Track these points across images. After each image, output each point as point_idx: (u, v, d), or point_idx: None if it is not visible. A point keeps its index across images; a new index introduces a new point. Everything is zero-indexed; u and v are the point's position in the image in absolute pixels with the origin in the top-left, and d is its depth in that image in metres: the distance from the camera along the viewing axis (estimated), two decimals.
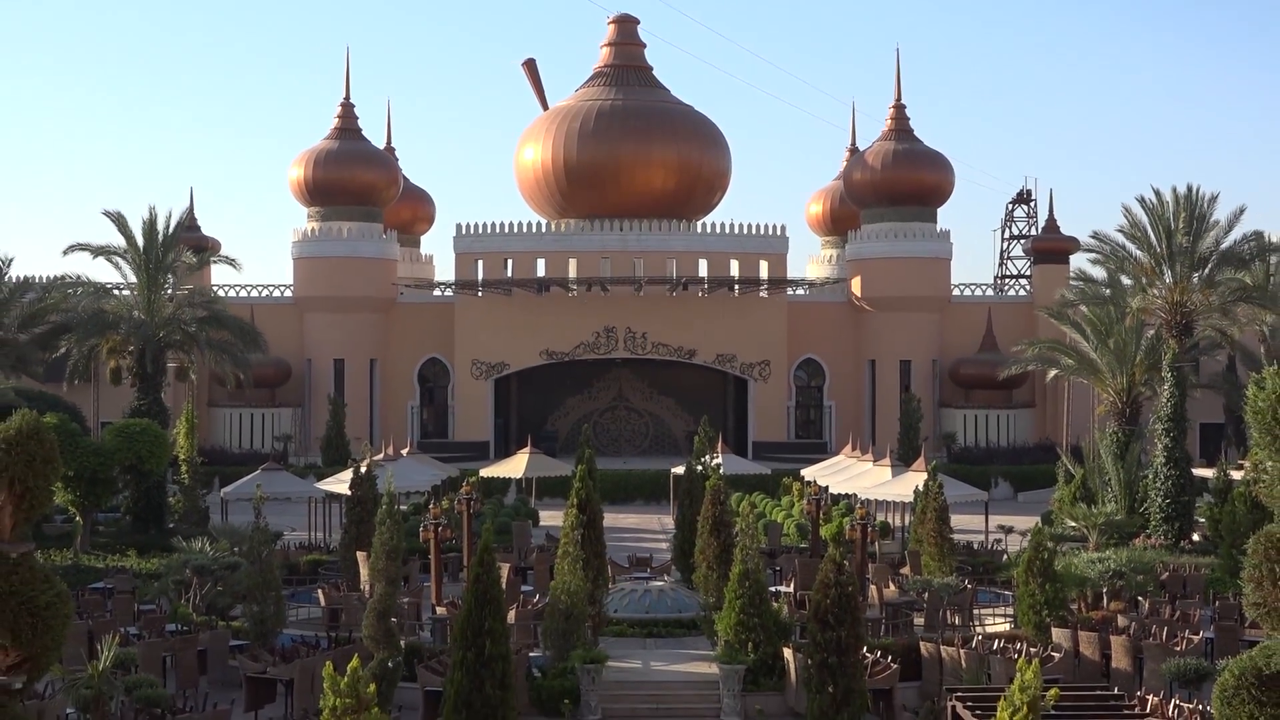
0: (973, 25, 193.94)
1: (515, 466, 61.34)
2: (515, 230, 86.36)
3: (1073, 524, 50.97)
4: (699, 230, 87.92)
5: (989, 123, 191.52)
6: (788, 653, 30.20)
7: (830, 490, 54.09)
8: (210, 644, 32.88)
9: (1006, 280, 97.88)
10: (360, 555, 40.25)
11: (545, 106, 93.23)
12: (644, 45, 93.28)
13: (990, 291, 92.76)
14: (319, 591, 40.26)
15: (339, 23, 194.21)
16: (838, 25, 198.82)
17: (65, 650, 9.21)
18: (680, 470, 53.07)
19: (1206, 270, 54.54)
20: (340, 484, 50.00)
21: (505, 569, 36.23)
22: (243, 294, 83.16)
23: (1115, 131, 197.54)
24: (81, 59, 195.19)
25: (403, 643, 29.08)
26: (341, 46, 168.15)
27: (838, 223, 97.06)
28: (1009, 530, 51.97)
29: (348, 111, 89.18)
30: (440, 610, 35.75)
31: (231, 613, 36.52)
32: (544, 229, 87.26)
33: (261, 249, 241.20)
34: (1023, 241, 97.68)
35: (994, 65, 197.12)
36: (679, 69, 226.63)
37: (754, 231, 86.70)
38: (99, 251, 60.45)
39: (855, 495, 51.60)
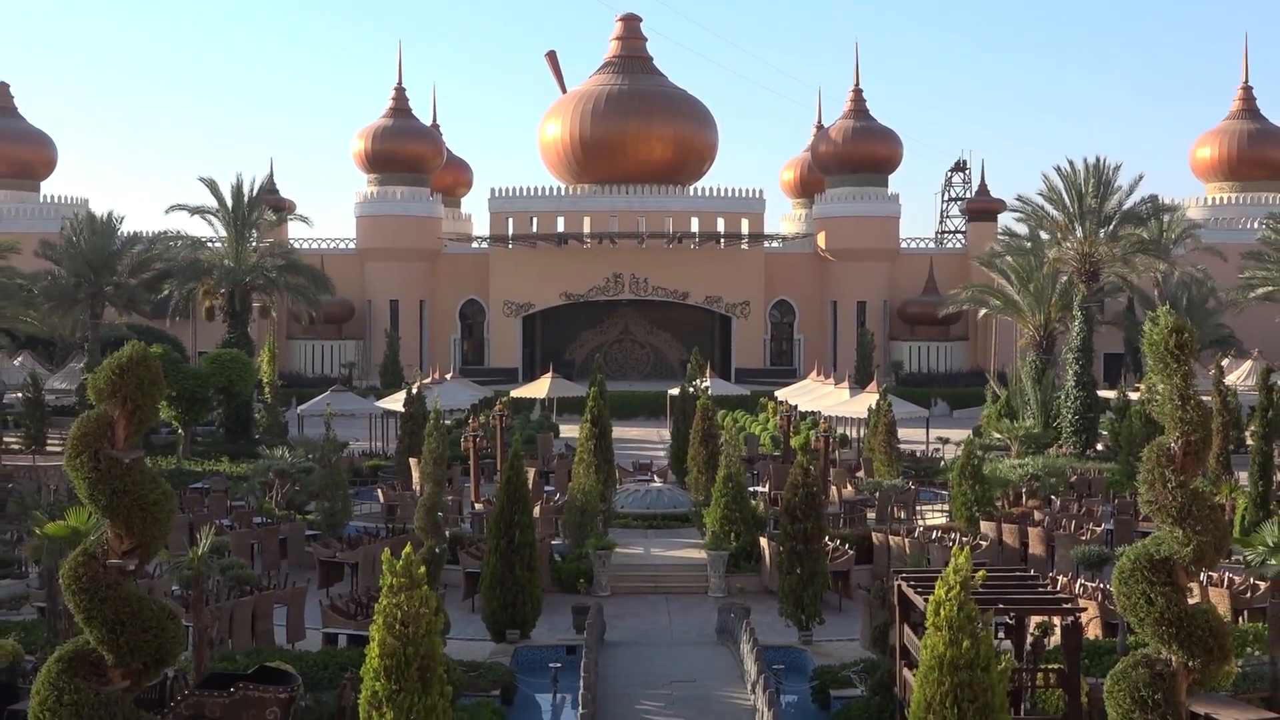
0: (921, 20, 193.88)
1: (539, 388, 61.44)
2: (539, 193, 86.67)
3: (998, 436, 51.07)
4: (691, 193, 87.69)
5: (932, 103, 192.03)
6: (763, 541, 30.34)
7: (799, 408, 54.10)
8: (289, 533, 33.11)
9: (945, 235, 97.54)
10: (412, 461, 40.44)
11: (564, 90, 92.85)
12: (645, 39, 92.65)
13: (932, 244, 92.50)
14: (378, 491, 40.44)
15: (393, 20, 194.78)
16: (808, 22, 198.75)
17: (170, 538, 9.24)
18: (675, 391, 53.09)
19: (1111, 227, 54.52)
20: (395, 403, 50.14)
21: (531, 472, 36.34)
22: (314, 246, 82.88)
23: (1037, 111, 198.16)
24: (180, 52, 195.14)
25: (447, 533, 29.21)
26: (394, 40, 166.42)
27: (806, 187, 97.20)
28: (945, 441, 52.09)
29: (400, 95, 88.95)
30: (478, 506, 35.93)
31: (307, 508, 36.66)
32: (563, 192, 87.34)
33: (329, 208, 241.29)
34: (959, 203, 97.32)
35: (936, 56, 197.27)
36: (675, 59, 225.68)
37: (737, 194, 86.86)
38: (195, 210, 60.57)
39: (819, 412, 51.67)
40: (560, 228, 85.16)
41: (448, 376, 61.53)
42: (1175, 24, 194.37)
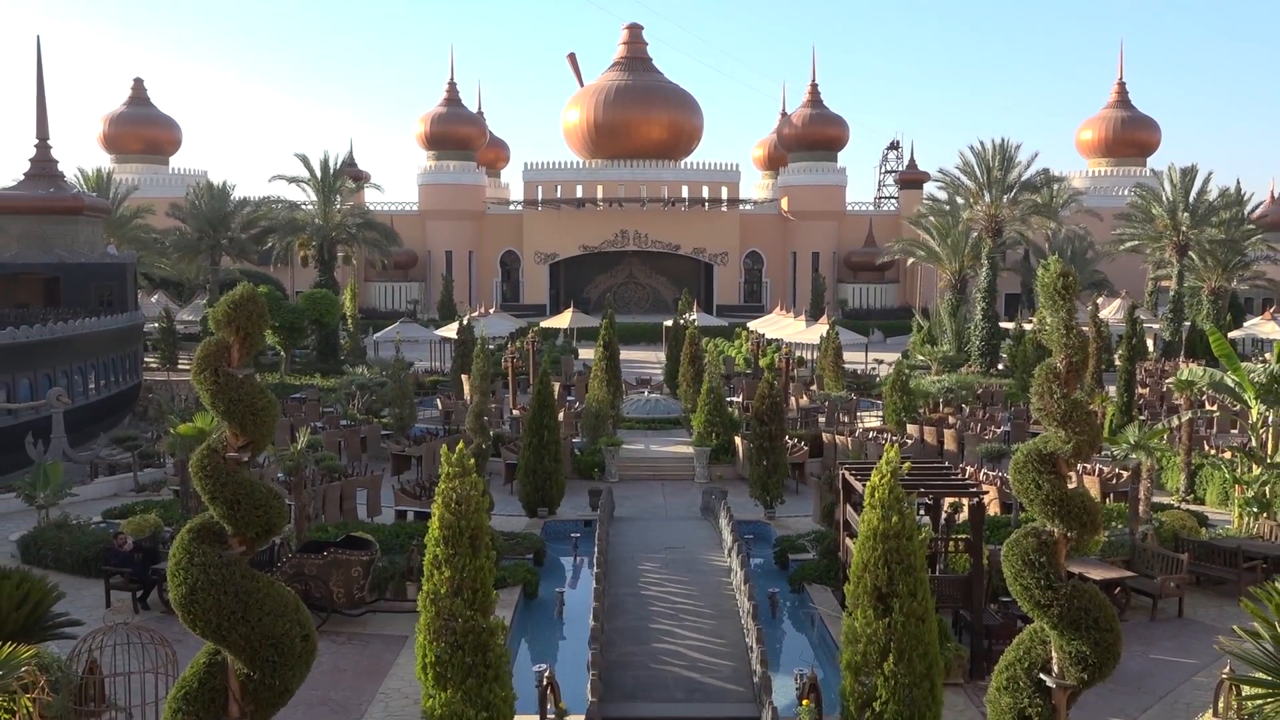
0: (866, 29, 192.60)
1: (563, 320, 61.44)
2: (563, 166, 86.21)
3: (921, 358, 51.21)
4: (682, 166, 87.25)
5: (873, 95, 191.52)
6: (738, 440, 30.50)
7: (766, 336, 54.20)
8: (368, 433, 33.28)
9: (882, 200, 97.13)
10: (464, 377, 40.52)
11: (582, 84, 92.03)
12: (646, 44, 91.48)
13: (871, 207, 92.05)
14: (437, 400, 40.59)
15: (448, 29, 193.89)
16: (776, 29, 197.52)
17: (275, 437, 9.29)
18: (669, 323, 53.15)
19: (1012, 194, 54.32)
20: (450, 332, 50.15)
21: (556, 386, 36.43)
22: (385, 208, 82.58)
23: (957, 102, 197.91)
24: (281, 52, 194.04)
25: (491, 432, 29.36)
26: (448, 45, 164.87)
27: (772, 161, 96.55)
28: (880, 362, 52.19)
29: (452, 88, 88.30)
30: (515, 412, 36.04)
31: (381, 413, 36.84)
32: (581, 165, 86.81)
33: (397, 178, 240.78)
34: (893, 174, 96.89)
35: (877, 57, 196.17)
36: (670, 59, 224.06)
37: (717, 167, 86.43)
38: (292, 180, 60.25)
39: (782, 339, 51.71)
40: (579, 193, 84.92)
41: (491, 311, 61.56)
42: (1065, 33, 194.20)
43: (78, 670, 11.85)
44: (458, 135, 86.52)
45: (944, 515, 18.65)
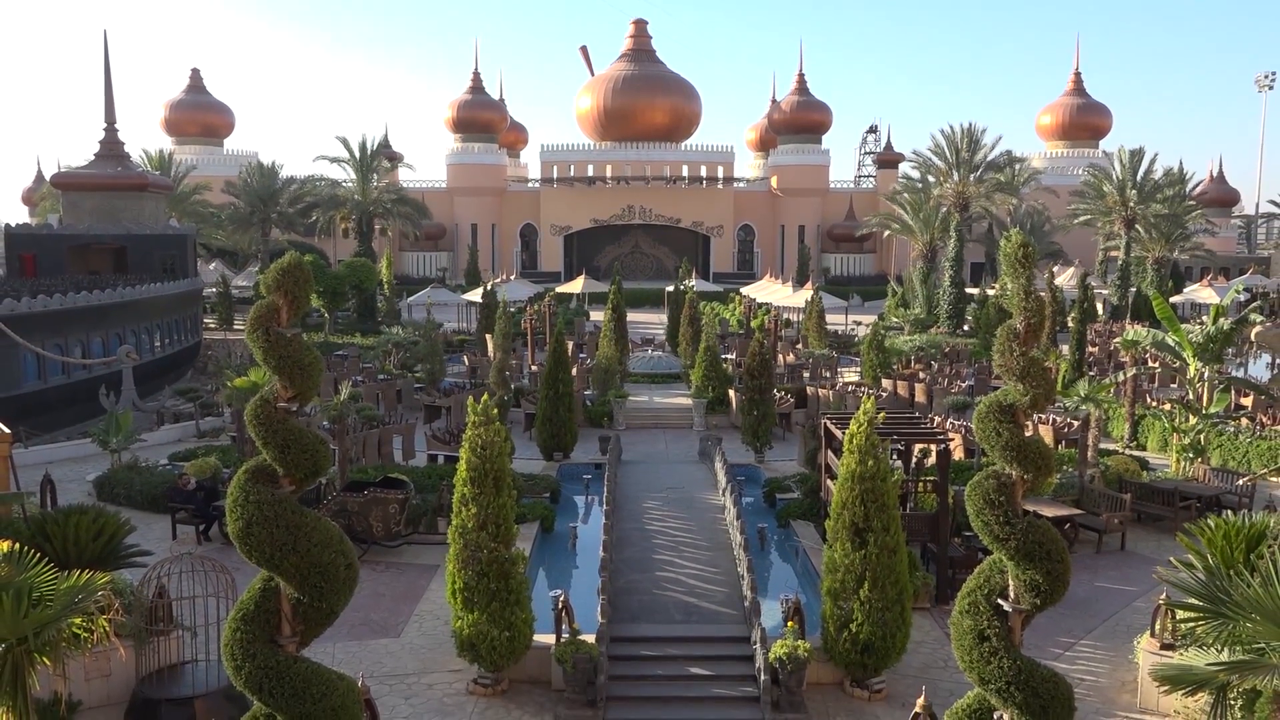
0: (846, 21, 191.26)
1: (576, 286, 61.23)
2: (576, 148, 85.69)
3: (895, 320, 51.08)
4: (682, 148, 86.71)
5: (854, 83, 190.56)
6: (731, 393, 30.50)
7: (757, 300, 54.04)
8: (403, 386, 33.30)
9: (861, 178, 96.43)
10: (487, 336, 40.53)
11: (593, 74, 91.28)
12: (650, 37, 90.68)
13: (851, 185, 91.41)
14: (464, 357, 40.54)
15: (473, 24, 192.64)
16: (767, 25, 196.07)
17: (320, 389, 9.26)
18: (671, 288, 52.96)
19: (978, 173, 53.94)
20: (475, 296, 50.07)
21: (570, 344, 36.41)
22: (417, 185, 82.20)
23: (929, 89, 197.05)
24: (324, 47, 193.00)
25: (512, 386, 29.37)
26: (472, 39, 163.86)
27: (764, 144, 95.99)
28: (859, 323, 52.08)
29: (477, 78, 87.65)
30: (533, 368, 36.04)
31: (414, 368, 36.85)
32: (592, 147, 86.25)
33: (428, 158, 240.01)
34: (871, 155, 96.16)
35: (857, 49, 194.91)
36: (672, 50, 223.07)
37: (714, 149, 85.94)
38: (334, 160, 59.95)
39: (771, 303, 51.54)
40: (590, 172, 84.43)
41: (511, 277, 61.34)
42: (1028, 30, 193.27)
43: (148, 594, 11.97)
44: (482, 120, 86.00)
45: (914, 460, 18.68)
